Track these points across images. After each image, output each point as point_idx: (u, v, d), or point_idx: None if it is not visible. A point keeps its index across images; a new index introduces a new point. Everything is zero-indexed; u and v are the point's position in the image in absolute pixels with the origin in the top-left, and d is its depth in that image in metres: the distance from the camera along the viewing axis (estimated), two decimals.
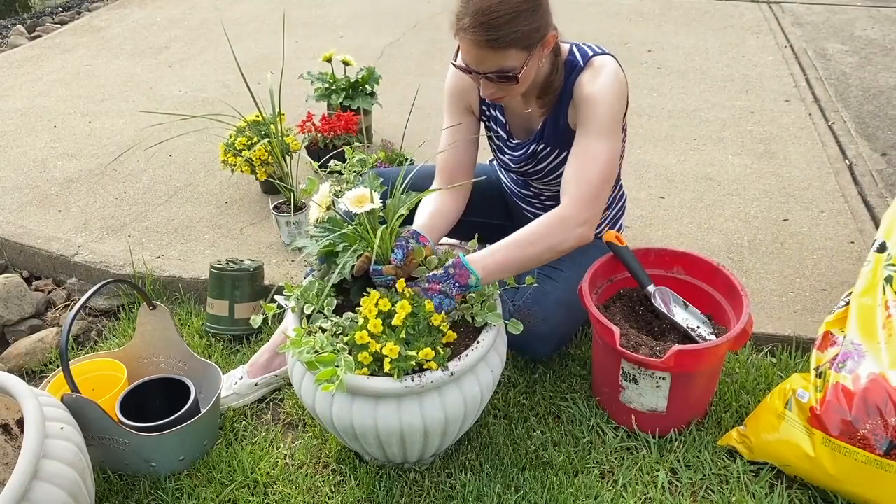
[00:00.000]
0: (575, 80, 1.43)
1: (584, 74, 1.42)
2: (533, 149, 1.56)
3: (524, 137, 1.58)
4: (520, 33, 1.27)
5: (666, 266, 1.64)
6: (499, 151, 1.66)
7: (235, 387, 1.63)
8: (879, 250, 1.44)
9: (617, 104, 1.40)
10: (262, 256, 2.09)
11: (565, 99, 1.46)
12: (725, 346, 1.37)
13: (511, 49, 1.28)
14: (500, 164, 1.70)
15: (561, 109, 1.48)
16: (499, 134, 1.62)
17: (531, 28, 1.28)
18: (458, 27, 1.32)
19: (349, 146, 2.24)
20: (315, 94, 2.66)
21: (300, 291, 1.35)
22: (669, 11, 4.45)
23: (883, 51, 3.71)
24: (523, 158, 1.59)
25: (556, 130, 1.51)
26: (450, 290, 1.28)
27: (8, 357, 1.82)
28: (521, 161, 1.60)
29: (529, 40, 1.29)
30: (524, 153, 1.58)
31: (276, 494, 1.42)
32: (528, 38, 1.29)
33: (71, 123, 3.05)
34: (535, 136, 1.55)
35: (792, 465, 1.36)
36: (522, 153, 1.58)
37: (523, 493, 1.39)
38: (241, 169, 2.24)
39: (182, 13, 4.62)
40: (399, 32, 4.12)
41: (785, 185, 2.42)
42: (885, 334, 1.31)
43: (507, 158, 1.63)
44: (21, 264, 2.24)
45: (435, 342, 1.23)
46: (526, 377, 1.68)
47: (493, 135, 1.65)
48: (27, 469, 1.05)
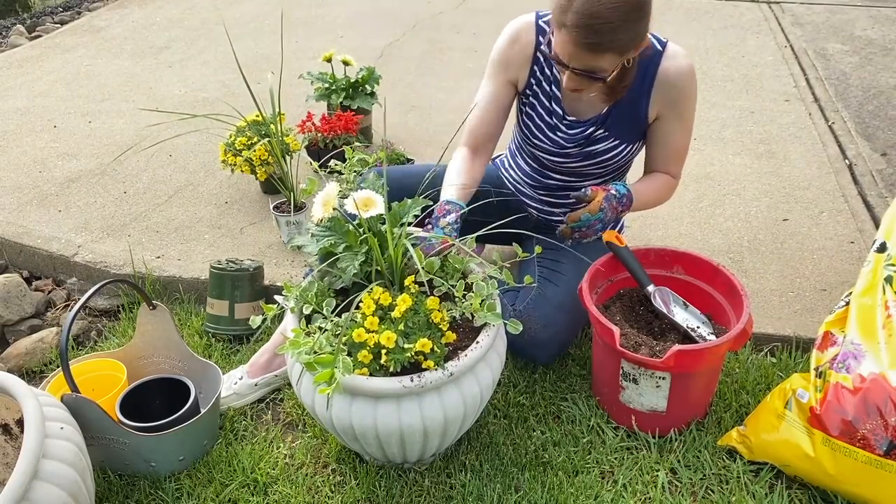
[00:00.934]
0: (656, 68, 1.44)
1: (666, 62, 1.44)
2: (591, 131, 1.53)
3: (580, 117, 1.54)
4: (622, 42, 1.26)
5: (666, 266, 1.64)
6: (548, 129, 1.57)
7: (235, 387, 1.63)
8: (879, 250, 1.44)
9: (696, 94, 1.49)
10: (262, 256, 2.09)
11: (646, 85, 1.46)
12: (725, 346, 1.37)
13: (608, 54, 1.28)
14: (538, 146, 1.62)
15: (640, 95, 1.47)
16: (552, 110, 1.55)
17: (632, 36, 1.28)
18: (559, 20, 1.27)
19: (349, 146, 2.25)
20: (315, 94, 2.66)
21: (299, 292, 1.35)
22: (669, 11, 4.45)
23: (883, 51, 3.71)
24: (577, 138, 1.55)
25: (624, 115, 1.50)
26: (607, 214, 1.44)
27: (8, 357, 1.82)
28: (574, 141, 1.56)
29: (627, 48, 1.29)
30: (580, 133, 1.54)
31: (276, 494, 1.42)
32: (627, 46, 1.29)
33: (71, 123, 3.05)
34: (596, 119, 1.52)
35: (792, 465, 1.36)
36: (578, 133, 1.54)
37: (523, 493, 1.39)
38: (241, 169, 2.24)
39: (182, 13, 4.62)
40: (399, 32, 4.12)
41: (785, 185, 2.42)
42: (885, 334, 1.31)
43: (559, 137, 1.57)
44: (21, 264, 2.24)
45: (433, 337, 1.23)
46: (526, 377, 1.68)
47: (540, 111, 1.57)
48: (27, 469, 1.05)
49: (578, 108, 1.53)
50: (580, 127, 1.54)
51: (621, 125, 1.51)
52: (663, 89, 1.45)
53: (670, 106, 1.47)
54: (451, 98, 3.22)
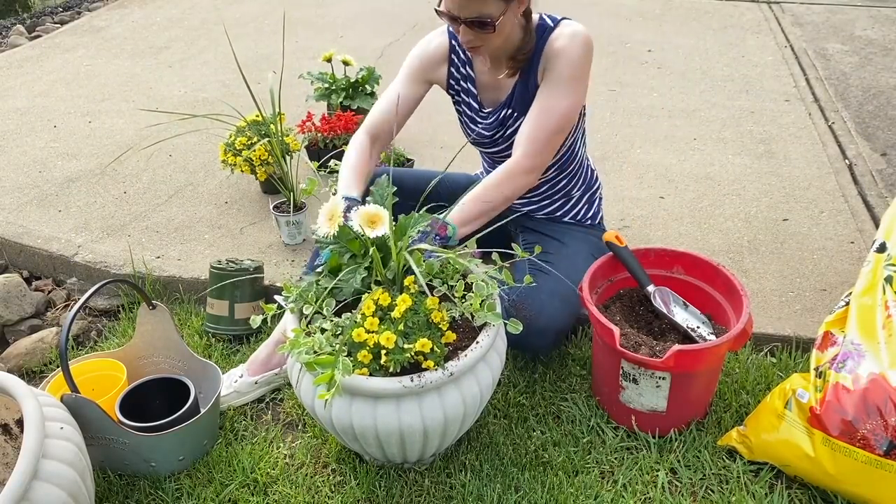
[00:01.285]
0: (546, 40, 1.51)
1: (553, 33, 1.51)
2: (503, 114, 1.62)
3: (494, 106, 1.65)
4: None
5: (666, 266, 1.64)
6: (471, 123, 1.70)
7: (235, 385, 1.63)
8: (879, 250, 1.44)
9: (581, 61, 1.49)
10: (262, 256, 2.09)
11: (535, 60, 1.53)
12: (725, 346, 1.37)
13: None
14: (474, 140, 1.73)
15: (532, 71, 1.55)
16: (470, 105, 1.68)
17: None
18: None
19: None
20: (315, 94, 2.66)
21: (299, 292, 1.35)
22: (669, 11, 4.45)
23: (883, 51, 3.71)
24: (494, 126, 1.65)
25: (526, 93, 1.57)
26: (433, 243, 1.37)
27: (8, 357, 1.82)
28: (492, 129, 1.65)
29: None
30: (494, 120, 1.64)
31: (276, 494, 1.42)
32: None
33: (71, 123, 3.05)
34: (505, 101, 1.61)
35: (792, 465, 1.35)
36: (493, 120, 1.64)
37: (523, 493, 1.39)
38: (241, 169, 2.24)
39: (182, 13, 4.62)
40: (399, 32, 4.12)
41: (785, 185, 2.42)
42: (885, 334, 1.31)
43: (480, 128, 1.68)
44: (21, 264, 2.24)
45: (433, 338, 1.23)
46: (526, 377, 1.68)
47: (463, 108, 1.70)
48: (27, 469, 1.05)
49: (491, 97, 1.64)
50: (494, 115, 1.64)
51: (524, 102, 1.58)
52: (547, 60, 1.51)
53: (545, 77, 1.52)
54: None
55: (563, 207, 1.78)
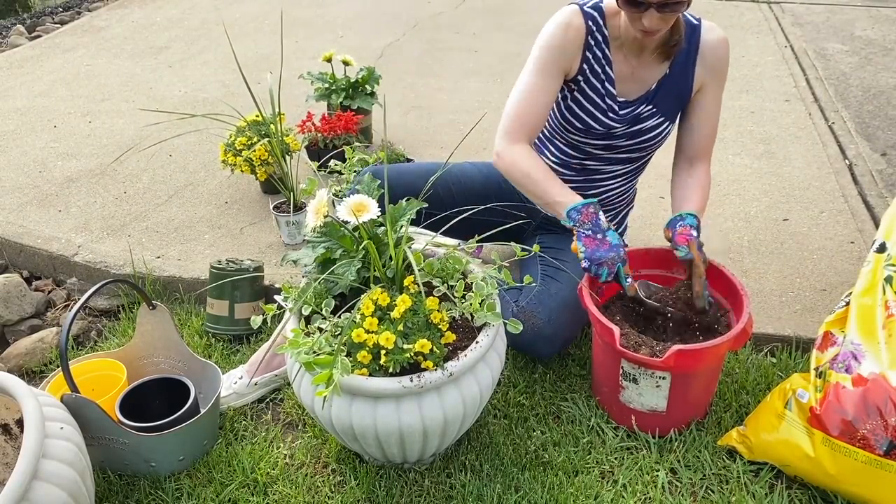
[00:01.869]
0: (697, 39, 1.51)
1: (707, 33, 1.51)
2: (641, 110, 1.54)
3: (628, 98, 1.55)
4: None
5: (666, 266, 1.64)
6: (599, 113, 1.54)
7: (235, 386, 1.63)
8: (879, 250, 1.44)
9: None
10: (262, 256, 2.09)
11: (691, 57, 1.51)
12: (725, 345, 1.37)
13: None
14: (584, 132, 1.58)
15: (687, 68, 1.52)
16: (604, 93, 1.53)
17: None
18: None
19: (349, 146, 2.25)
20: (315, 94, 2.66)
21: (298, 292, 1.35)
22: None
23: (883, 51, 3.71)
24: (626, 119, 1.55)
25: (671, 90, 1.54)
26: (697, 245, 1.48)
27: (8, 357, 1.82)
28: (622, 122, 1.55)
29: None
30: (629, 113, 1.54)
31: (276, 494, 1.42)
32: None
33: (71, 123, 3.05)
34: (645, 96, 1.54)
35: (792, 465, 1.35)
36: (628, 112, 1.54)
37: (523, 493, 1.39)
38: (241, 169, 2.24)
39: (182, 13, 4.62)
40: (399, 32, 4.12)
41: (785, 185, 2.42)
42: (885, 334, 1.31)
43: (609, 119, 1.54)
44: (21, 264, 2.24)
45: (432, 338, 1.23)
46: (526, 377, 1.68)
47: (592, 95, 1.54)
48: (27, 469, 1.05)
49: (629, 88, 1.54)
50: (630, 106, 1.55)
51: (668, 100, 1.55)
52: (706, 57, 1.51)
53: (712, 74, 1.53)
54: (451, 98, 3.22)
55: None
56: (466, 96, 3.23)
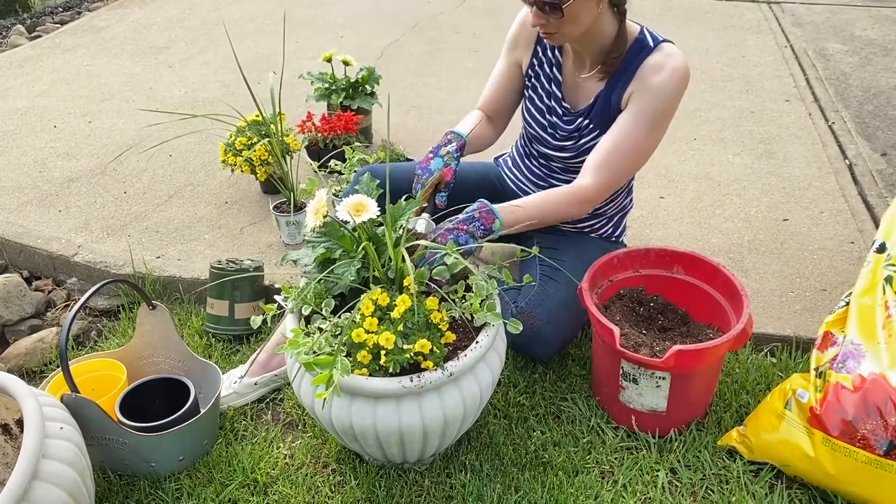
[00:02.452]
0: (642, 61, 1.43)
1: (652, 56, 1.42)
2: (580, 123, 1.54)
3: (573, 107, 1.56)
4: None
5: (666, 266, 1.64)
6: (547, 112, 1.59)
7: (235, 386, 1.63)
8: (879, 251, 1.44)
9: (676, 99, 1.41)
10: (262, 256, 2.09)
11: (626, 77, 1.45)
12: (725, 346, 1.37)
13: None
14: (538, 135, 1.62)
15: (618, 87, 1.46)
16: (552, 93, 1.57)
17: None
18: None
19: (349, 146, 2.25)
20: (315, 94, 2.66)
21: (298, 292, 1.35)
22: (669, 11, 4.45)
23: (883, 51, 3.71)
24: (571, 132, 1.56)
25: (607, 108, 1.49)
26: (475, 231, 1.35)
27: (8, 357, 1.82)
28: (568, 135, 1.57)
29: None
30: (573, 123, 1.55)
31: (276, 494, 1.42)
32: None
33: (71, 123, 3.05)
34: (584, 110, 1.53)
35: (792, 465, 1.35)
36: (572, 122, 1.56)
37: (523, 493, 1.39)
38: (241, 169, 2.24)
39: (182, 13, 4.62)
40: (399, 32, 4.12)
41: (785, 185, 2.42)
42: (885, 334, 1.31)
43: (553, 121, 1.58)
44: (21, 264, 2.24)
45: (432, 338, 1.23)
46: (526, 377, 1.68)
47: (541, 93, 1.59)
48: (27, 469, 1.05)
49: (574, 97, 1.56)
50: (572, 116, 1.56)
51: (601, 114, 1.51)
52: (639, 78, 1.43)
53: (643, 94, 1.42)
54: (451, 98, 3.22)
55: (592, 225, 1.75)
56: (466, 96, 3.23)
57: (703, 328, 1.56)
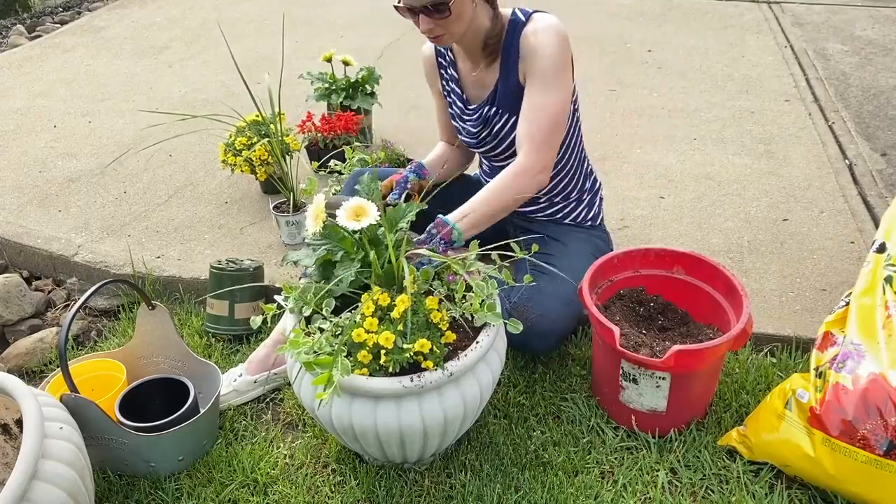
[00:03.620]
0: (520, 35, 1.52)
1: (527, 28, 1.52)
2: (486, 112, 1.64)
3: (478, 103, 1.67)
4: None
5: (666, 266, 1.64)
6: (459, 121, 1.74)
7: (235, 384, 1.63)
8: (879, 251, 1.44)
9: (559, 54, 1.49)
10: (262, 256, 2.09)
11: (514, 56, 1.54)
12: (725, 345, 1.37)
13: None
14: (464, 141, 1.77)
15: (511, 67, 1.56)
16: (456, 103, 1.72)
17: None
18: None
19: (349, 146, 2.25)
20: (315, 94, 2.66)
21: (298, 293, 1.35)
22: (669, 11, 4.45)
23: (883, 51, 3.71)
24: (479, 123, 1.67)
25: (507, 89, 1.58)
26: (436, 247, 1.39)
27: (8, 357, 1.82)
28: (477, 126, 1.68)
29: None
30: (478, 117, 1.66)
31: (276, 494, 1.42)
32: None
33: (71, 123, 3.05)
34: (487, 98, 1.63)
35: (792, 465, 1.35)
36: (477, 117, 1.66)
37: (523, 493, 1.39)
38: (241, 169, 2.24)
39: (182, 13, 4.62)
40: (399, 32, 4.12)
41: (785, 185, 2.42)
42: (885, 334, 1.31)
43: (468, 125, 1.70)
44: (21, 264, 2.24)
45: (432, 338, 1.23)
46: (526, 377, 1.68)
47: (454, 109, 1.74)
48: (26, 469, 1.05)
49: (476, 94, 1.67)
50: (477, 110, 1.66)
51: (508, 96, 1.59)
52: (523, 50, 1.52)
53: (529, 64, 1.51)
54: None
55: (563, 210, 1.78)
56: None
57: (703, 328, 1.56)
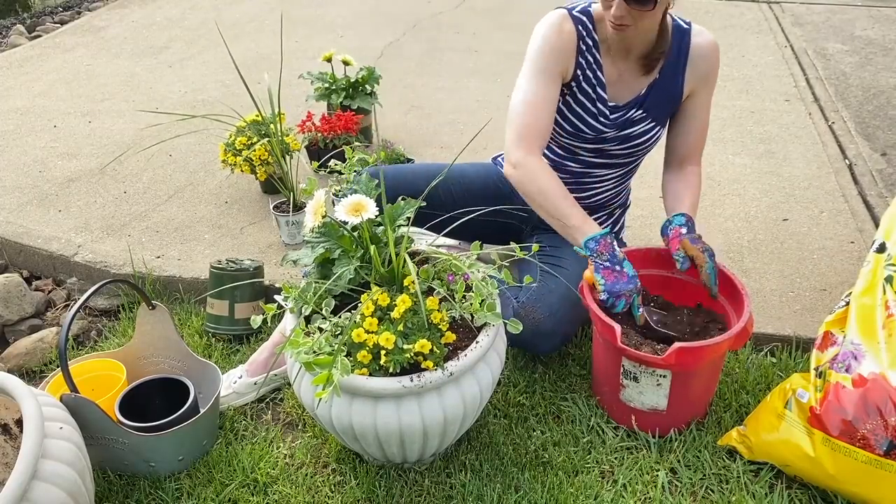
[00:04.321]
0: (688, 44, 1.52)
1: (697, 38, 1.52)
2: (632, 114, 1.56)
3: (619, 102, 1.56)
4: None
5: (666, 266, 1.64)
6: (590, 118, 1.55)
7: (235, 385, 1.63)
8: (879, 250, 1.44)
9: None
10: (262, 256, 2.09)
11: (681, 61, 1.53)
12: (726, 344, 1.37)
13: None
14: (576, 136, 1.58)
15: (678, 73, 1.54)
16: (595, 97, 1.54)
17: None
18: None
19: (349, 146, 2.25)
20: (315, 94, 2.66)
21: (298, 292, 1.35)
22: (669, 11, 4.44)
23: (883, 51, 3.71)
24: (618, 123, 1.56)
25: (664, 95, 1.55)
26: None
27: (8, 357, 1.82)
28: (613, 126, 1.56)
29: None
30: (620, 117, 1.56)
31: (276, 494, 1.42)
32: None
33: (71, 123, 3.05)
34: (635, 100, 1.56)
35: (792, 465, 1.35)
36: (619, 116, 1.55)
37: (523, 492, 1.39)
38: (241, 169, 2.24)
39: (182, 13, 4.62)
40: (399, 32, 4.12)
41: (785, 185, 2.42)
42: (885, 334, 1.31)
43: (599, 124, 1.56)
44: (21, 264, 2.24)
45: (433, 338, 1.23)
46: (526, 377, 1.68)
47: (582, 98, 1.55)
48: (26, 469, 1.05)
49: (619, 92, 1.56)
50: (621, 111, 1.56)
51: (659, 105, 1.56)
52: (696, 62, 1.52)
53: (702, 80, 1.54)
54: (451, 98, 3.22)
55: (605, 222, 1.79)
56: (466, 96, 3.23)
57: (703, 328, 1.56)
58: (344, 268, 1.29)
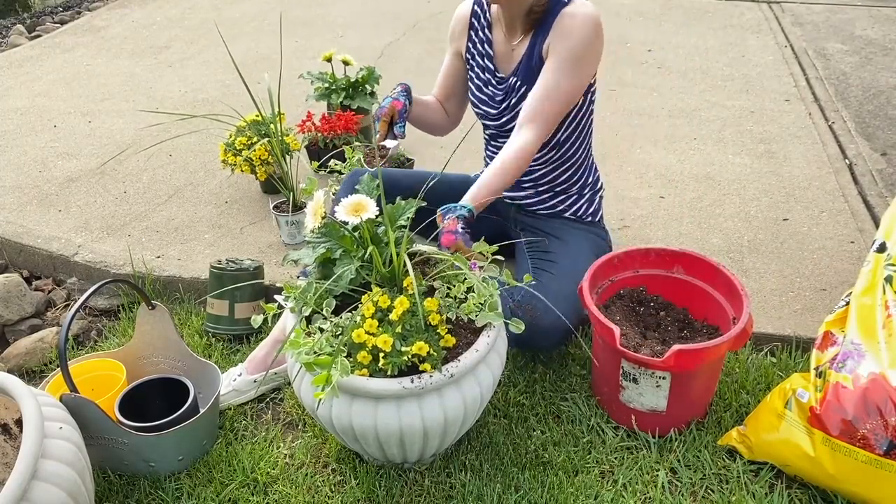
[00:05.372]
0: (557, 14, 1.53)
1: (566, 8, 1.53)
2: (512, 82, 1.64)
3: (505, 74, 1.68)
4: None
5: (666, 266, 1.64)
6: (483, 86, 1.72)
7: (234, 384, 1.63)
8: (879, 250, 1.44)
9: (588, 43, 1.51)
10: (262, 256, 2.09)
11: (545, 29, 1.56)
12: (725, 345, 1.37)
13: None
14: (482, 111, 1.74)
15: (538, 39, 1.57)
16: (486, 68, 1.70)
17: None
18: None
19: (349, 146, 2.25)
20: (315, 94, 2.66)
21: (299, 293, 1.35)
22: (669, 11, 4.45)
23: (883, 51, 3.71)
24: (505, 92, 1.67)
25: (530, 62, 1.60)
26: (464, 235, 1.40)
27: (8, 357, 1.82)
28: (501, 96, 1.68)
29: None
30: (506, 87, 1.67)
31: (276, 494, 1.42)
32: None
33: (71, 123, 3.05)
34: (514, 69, 1.64)
35: (792, 464, 1.35)
36: (505, 87, 1.67)
37: (523, 492, 1.39)
38: (241, 169, 2.24)
39: (182, 13, 4.62)
40: (399, 32, 4.12)
41: (785, 185, 2.42)
42: (885, 334, 1.31)
43: (492, 91, 1.70)
44: (21, 264, 2.24)
45: (431, 340, 1.23)
46: (526, 377, 1.68)
47: (477, 71, 1.73)
48: (26, 469, 1.05)
49: (506, 64, 1.67)
50: (506, 82, 1.67)
51: (527, 71, 1.61)
52: (556, 29, 1.54)
53: (556, 42, 1.53)
54: None
55: (563, 202, 1.78)
56: None
57: (704, 328, 1.56)
58: (345, 268, 1.29)
